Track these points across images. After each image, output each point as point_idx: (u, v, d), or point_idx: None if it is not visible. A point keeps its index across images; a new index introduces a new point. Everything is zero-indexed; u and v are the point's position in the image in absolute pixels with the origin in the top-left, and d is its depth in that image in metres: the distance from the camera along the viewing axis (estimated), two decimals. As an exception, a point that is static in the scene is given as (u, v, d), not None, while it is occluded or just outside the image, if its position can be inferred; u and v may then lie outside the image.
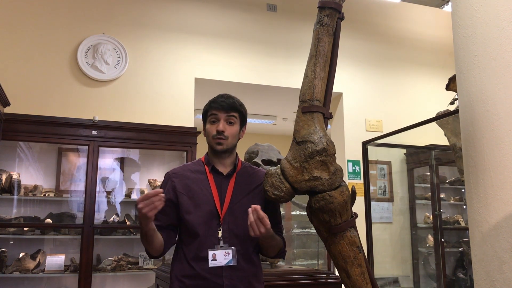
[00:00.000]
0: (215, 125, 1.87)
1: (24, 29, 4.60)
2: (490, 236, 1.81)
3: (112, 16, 4.97)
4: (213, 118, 1.88)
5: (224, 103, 1.87)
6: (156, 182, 4.70)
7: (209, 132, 1.88)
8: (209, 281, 1.76)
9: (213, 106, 1.88)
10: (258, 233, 1.64)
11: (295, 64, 5.47)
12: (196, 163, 1.97)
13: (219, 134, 1.85)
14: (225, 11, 5.47)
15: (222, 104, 1.87)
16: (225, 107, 1.87)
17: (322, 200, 1.61)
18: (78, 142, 4.27)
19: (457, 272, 4.96)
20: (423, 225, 5.25)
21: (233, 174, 1.91)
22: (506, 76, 1.82)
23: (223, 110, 1.87)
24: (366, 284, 1.63)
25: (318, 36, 1.77)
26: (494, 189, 1.81)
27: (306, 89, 1.73)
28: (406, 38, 6.26)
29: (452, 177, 5.43)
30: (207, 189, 1.86)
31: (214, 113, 1.88)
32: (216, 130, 1.86)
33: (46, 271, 4.05)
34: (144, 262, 4.43)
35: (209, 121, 1.89)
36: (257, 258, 1.90)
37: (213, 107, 1.88)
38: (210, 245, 1.78)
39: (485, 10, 1.91)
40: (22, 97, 4.36)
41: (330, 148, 1.64)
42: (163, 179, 1.96)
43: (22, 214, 4.23)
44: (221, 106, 1.87)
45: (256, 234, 1.64)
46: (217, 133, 1.85)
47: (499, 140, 1.81)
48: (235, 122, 1.90)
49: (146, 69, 4.98)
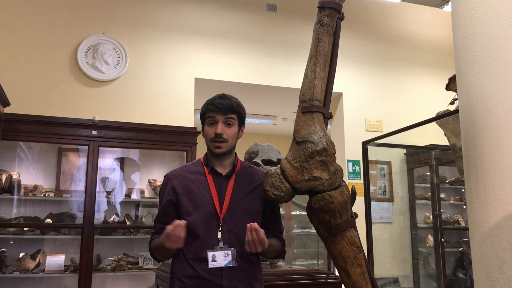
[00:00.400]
0: (214, 128, 1.86)
1: (24, 29, 4.60)
2: (490, 236, 1.81)
3: (112, 16, 4.96)
4: (211, 121, 1.87)
5: (221, 105, 1.85)
6: (156, 182, 4.70)
7: (208, 134, 1.88)
8: (209, 282, 1.76)
9: (210, 109, 1.87)
10: (254, 251, 1.69)
11: (295, 64, 5.47)
12: (195, 164, 1.96)
13: (218, 137, 1.84)
14: (225, 11, 5.47)
15: (219, 106, 1.85)
16: (223, 109, 1.85)
17: (322, 200, 1.61)
18: (78, 142, 4.27)
19: (457, 272, 4.96)
20: (423, 225, 5.24)
21: (232, 175, 1.91)
22: (506, 76, 1.82)
23: (221, 112, 1.85)
24: (366, 284, 1.63)
25: (318, 36, 1.77)
26: (494, 189, 1.81)
27: (306, 89, 1.73)
28: (406, 38, 6.26)
29: (452, 177, 5.43)
30: (206, 190, 1.86)
31: (212, 116, 1.87)
32: (214, 133, 1.85)
33: (46, 271, 4.05)
34: (144, 262, 4.43)
35: (207, 123, 1.89)
36: (256, 258, 1.90)
37: (211, 109, 1.87)
38: (210, 246, 1.78)
39: (485, 10, 1.91)
40: (22, 97, 4.36)
41: (330, 148, 1.64)
42: (163, 180, 1.96)
43: (22, 214, 4.22)
44: (219, 109, 1.85)
45: (252, 251, 1.69)
46: (215, 136, 1.85)
47: (499, 140, 1.81)
48: (234, 123, 1.88)
49: (146, 69, 4.98)
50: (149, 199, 4.74)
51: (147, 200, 4.74)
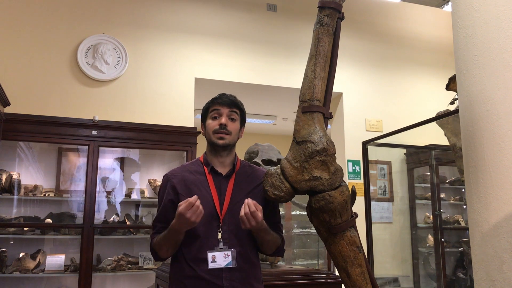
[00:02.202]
0: (217, 120, 1.88)
1: (24, 29, 4.60)
2: (490, 236, 1.81)
3: (112, 16, 4.97)
4: (215, 114, 1.89)
5: (226, 98, 1.90)
6: (156, 182, 4.70)
7: (211, 127, 1.88)
8: (209, 282, 1.75)
9: (215, 102, 1.90)
10: (249, 226, 1.68)
11: (295, 64, 5.47)
12: (195, 164, 1.96)
13: (222, 128, 1.86)
14: (225, 11, 5.47)
15: (224, 99, 1.90)
16: (228, 102, 1.89)
17: (322, 200, 1.61)
18: (78, 142, 4.27)
19: (457, 272, 4.96)
20: (423, 225, 5.25)
21: (232, 175, 1.91)
22: (506, 76, 1.82)
23: (226, 105, 1.89)
24: (366, 284, 1.63)
25: (318, 36, 1.77)
26: (494, 189, 1.81)
27: (306, 89, 1.73)
28: (406, 38, 6.26)
29: (452, 177, 5.43)
30: (206, 190, 1.85)
31: (216, 108, 1.89)
32: (219, 124, 1.86)
33: (46, 271, 4.05)
34: (144, 262, 4.43)
35: (211, 117, 1.90)
36: (256, 259, 1.89)
37: (216, 103, 1.90)
38: (210, 246, 1.78)
39: (485, 10, 1.91)
40: (22, 97, 4.36)
41: (330, 148, 1.64)
42: (162, 180, 1.96)
43: (22, 214, 4.23)
44: (224, 101, 1.89)
45: (246, 226, 1.69)
46: (219, 127, 1.86)
47: (499, 140, 1.81)
48: (237, 119, 1.91)
49: (146, 69, 4.98)
50: (149, 199, 4.74)
51: (147, 200, 4.74)
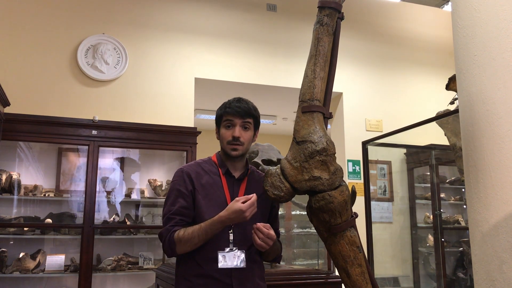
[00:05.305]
0: (231, 131, 1.86)
1: (24, 29, 4.60)
2: (490, 236, 1.81)
3: (112, 16, 4.96)
4: (228, 123, 1.88)
5: (239, 108, 1.87)
6: (156, 182, 4.70)
7: (224, 137, 1.88)
8: (218, 281, 1.77)
9: (228, 112, 1.87)
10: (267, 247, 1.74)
11: (295, 64, 5.47)
12: (208, 163, 1.95)
13: (235, 140, 1.85)
14: (225, 11, 5.47)
15: (238, 110, 1.86)
16: (241, 113, 1.86)
17: (322, 200, 1.61)
18: (78, 142, 4.27)
19: (457, 272, 4.96)
20: (423, 224, 5.25)
21: (245, 178, 1.92)
22: (506, 76, 1.82)
23: (239, 116, 1.86)
24: (366, 284, 1.63)
25: (318, 36, 1.77)
26: (494, 189, 1.81)
27: (306, 89, 1.73)
28: (406, 38, 6.26)
29: (452, 177, 5.43)
30: (221, 191, 1.86)
31: (229, 119, 1.87)
32: (232, 136, 1.85)
33: (46, 271, 4.05)
34: (144, 262, 4.43)
35: (224, 126, 1.89)
36: (260, 258, 1.93)
37: (229, 113, 1.87)
38: (221, 247, 1.79)
39: (485, 10, 1.91)
40: (22, 97, 4.36)
41: (330, 147, 1.64)
42: (176, 174, 1.90)
43: (22, 214, 4.23)
44: (237, 112, 1.86)
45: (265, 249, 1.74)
46: (232, 139, 1.85)
47: (499, 140, 1.81)
48: (250, 127, 1.90)
49: (146, 69, 4.98)
50: (149, 199, 4.74)
51: (147, 200, 4.74)
